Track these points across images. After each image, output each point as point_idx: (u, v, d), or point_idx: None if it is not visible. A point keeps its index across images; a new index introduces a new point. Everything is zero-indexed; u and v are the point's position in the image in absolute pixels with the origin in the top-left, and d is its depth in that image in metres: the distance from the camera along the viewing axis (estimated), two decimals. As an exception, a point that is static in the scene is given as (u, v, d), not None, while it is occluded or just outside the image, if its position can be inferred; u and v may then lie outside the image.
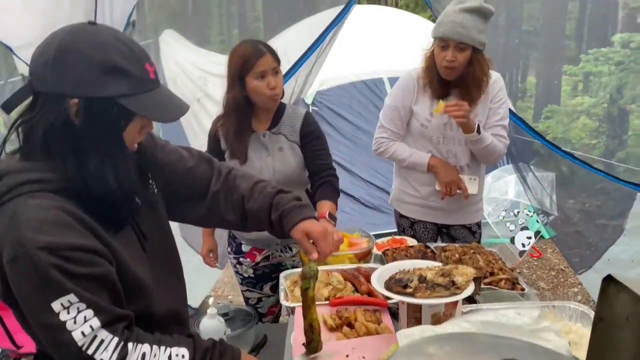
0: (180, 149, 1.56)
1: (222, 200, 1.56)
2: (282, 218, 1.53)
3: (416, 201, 2.66)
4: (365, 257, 2.29)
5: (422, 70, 2.52)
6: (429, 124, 2.51)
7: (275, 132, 2.41)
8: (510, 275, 2.11)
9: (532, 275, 4.43)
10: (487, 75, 2.47)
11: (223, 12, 11.69)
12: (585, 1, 9.17)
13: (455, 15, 2.34)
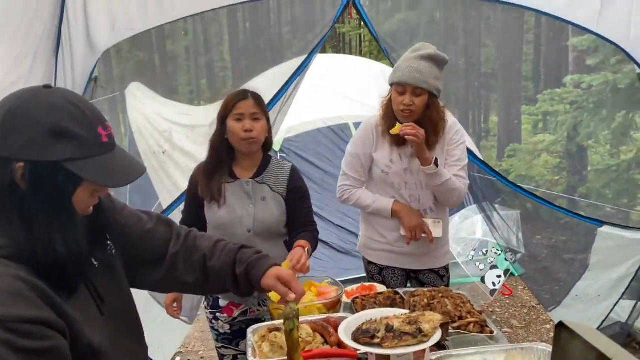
0: (139, 212, 1.54)
1: (181, 261, 1.54)
2: (249, 270, 1.53)
3: (383, 247, 2.66)
4: (335, 306, 2.26)
5: (380, 117, 2.56)
6: (390, 170, 2.55)
7: (260, 181, 2.40)
8: (478, 318, 2.11)
9: (505, 314, 4.45)
10: (444, 119, 2.53)
11: (191, 63, 11.82)
12: (539, 44, 9.65)
13: (412, 62, 2.41)
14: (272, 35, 12.62)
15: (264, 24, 12.16)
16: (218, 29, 12.40)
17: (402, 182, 2.56)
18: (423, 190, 2.57)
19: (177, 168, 4.64)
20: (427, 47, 2.46)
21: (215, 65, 12.49)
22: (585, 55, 5.55)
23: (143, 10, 2.53)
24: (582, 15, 2.73)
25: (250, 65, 11.78)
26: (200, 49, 12.03)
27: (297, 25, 11.08)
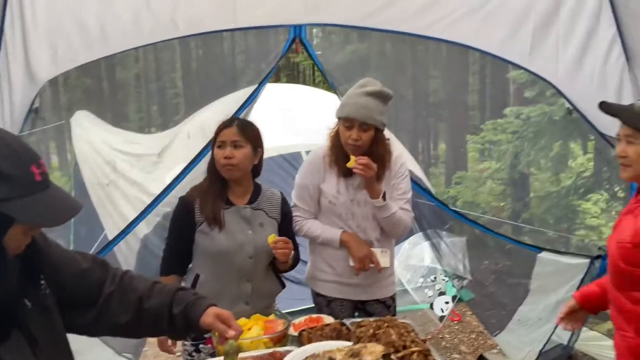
0: (73, 252, 1.52)
1: (115, 301, 1.51)
2: (188, 309, 1.53)
3: (332, 278, 2.67)
4: (281, 340, 2.24)
5: (328, 148, 2.60)
6: (337, 201, 2.58)
7: (255, 207, 2.43)
8: (422, 347, 2.14)
9: (454, 339, 4.52)
10: (390, 153, 2.61)
11: (141, 90, 11.66)
12: (484, 75, 10.10)
13: (358, 98, 2.48)
14: (226, 64, 12.68)
15: (217, 52, 12.20)
16: (170, 57, 12.37)
17: (349, 213, 2.59)
18: (369, 222, 2.61)
19: (123, 198, 4.54)
20: (372, 82, 2.54)
21: (167, 92, 12.40)
22: (523, 87, 5.86)
23: (86, 42, 2.50)
24: (516, 53, 2.89)
25: (203, 92, 11.75)
26: (151, 76, 11.95)
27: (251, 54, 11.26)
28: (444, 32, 2.91)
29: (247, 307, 2.43)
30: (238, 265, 2.39)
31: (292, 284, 4.96)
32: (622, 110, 1.90)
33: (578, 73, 2.81)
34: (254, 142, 2.40)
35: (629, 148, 1.85)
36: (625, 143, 1.86)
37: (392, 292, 2.77)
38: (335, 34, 12.46)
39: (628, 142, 1.85)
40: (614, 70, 2.70)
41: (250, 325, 2.36)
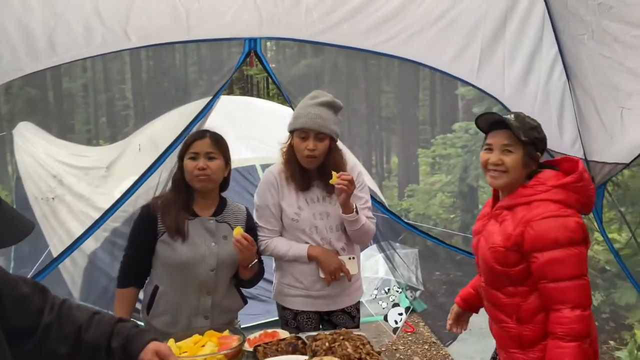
0: (14, 276, 1.47)
1: (54, 331, 1.47)
2: (127, 344, 1.51)
3: (300, 292, 2.64)
4: (236, 355, 2.21)
5: (283, 164, 2.59)
6: (299, 217, 2.56)
7: (220, 220, 2.39)
8: (377, 359, 2.16)
9: (407, 351, 4.57)
10: (345, 162, 2.63)
11: (89, 100, 11.27)
12: (434, 90, 10.39)
13: (312, 108, 2.50)
14: (178, 75, 12.47)
15: (168, 63, 11.99)
16: (120, 67, 12.05)
17: (313, 227, 2.58)
18: (333, 233, 2.62)
19: (70, 213, 4.38)
20: (323, 94, 2.57)
21: (116, 103, 12.06)
22: (471, 103, 6.06)
23: (33, 52, 2.41)
24: (465, 70, 3.00)
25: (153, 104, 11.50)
26: (99, 87, 11.59)
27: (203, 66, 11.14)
28: (398, 49, 2.98)
29: (206, 322, 2.40)
30: (199, 277, 2.35)
31: (249, 299, 4.91)
32: (504, 122, 2.02)
33: (523, 90, 2.94)
34: (225, 155, 2.40)
35: (506, 157, 2.00)
36: (500, 152, 2.01)
37: (359, 297, 2.78)
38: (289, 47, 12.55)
39: (506, 151, 2.00)
40: (557, 88, 2.84)
41: (205, 341, 2.31)
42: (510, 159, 2.00)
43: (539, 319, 2.01)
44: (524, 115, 2.07)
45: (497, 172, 2.04)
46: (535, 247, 1.94)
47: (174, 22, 2.61)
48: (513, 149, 2.00)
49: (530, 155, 2.02)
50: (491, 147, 2.06)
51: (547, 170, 2.08)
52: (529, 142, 2.00)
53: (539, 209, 1.96)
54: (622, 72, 2.35)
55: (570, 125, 2.91)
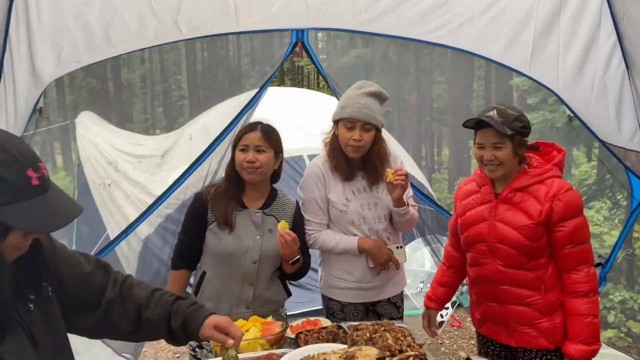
0: (77, 254, 1.52)
1: (116, 308, 1.52)
2: (186, 324, 1.55)
3: (350, 285, 2.65)
4: (278, 342, 2.25)
5: (327, 154, 2.59)
6: (347, 208, 2.57)
7: (267, 213, 2.42)
8: (418, 352, 2.14)
9: (453, 345, 4.51)
10: (389, 152, 2.62)
11: (147, 91, 11.69)
12: (489, 81, 10.09)
13: (359, 98, 2.48)
14: (231, 66, 12.71)
15: (222, 55, 12.24)
16: (176, 58, 12.41)
17: (361, 218, 2.58)
18: (381, 223, 2.62)
19: (126, 199, 4.57)
20: (369, 84, 2.55)
21: (172, 94, 12.43)
22: (526, 94, 5.85)
23: (90, 44, 2.53)
24: (517, 59, 2.90)
25: (207, 94, 11.78)
26: (156, 78, 11.99)
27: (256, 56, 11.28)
28: (446, 38, 2.92)
29: (247, 312, 2.43)
30: (242, 268, 2.39)
31: (292, 287, 4.97)
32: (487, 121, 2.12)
33: (578, 81, 2.81)
34: (276, 147, 2.40)
35: (497, 152, 2.14)
36: (492, 149, 2.15)
37: (404, 287, 2.78)
38: (340, 38, 12.48)
39: (496, 147, 2.14)
40: (614, 78, 2.70)
41: (248, 326, 2.37)
42: (502, 153, 2.15)
43: (559, 285, 2.22)
44: (505, 106, 2.18)
45: (492, 165, 2.18)
46: (563, 217, 2.13)
47: (223, 13, 2.66)
48: (502, 145, 2.14)
49: (519, 144, 2.17)
50: (483, 145, 2.19)
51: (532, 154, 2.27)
52: (515, 134, 2.12)
53: (556, 184, 2.16)
54: (686, 61, 2.21)
55: (630, 116, 2.77)
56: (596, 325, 2.17)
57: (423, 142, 9.87)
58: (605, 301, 4.95)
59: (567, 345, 2.19)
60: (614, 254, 3.47)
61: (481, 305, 2.43)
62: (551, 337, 2.24)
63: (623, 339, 4.63)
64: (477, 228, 2.31)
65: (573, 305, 2.17)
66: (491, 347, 2.48)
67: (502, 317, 2.34)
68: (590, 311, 2.15)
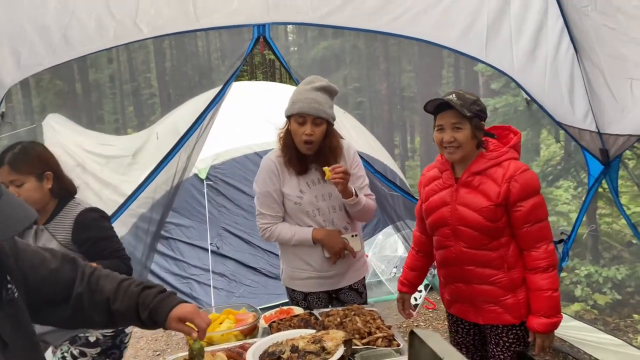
0: (42, 251, 1.53)
1: (86, 302, 1.54)
2: (153, 315, 1.56)
3: (310, 274, 2.72)
4: (252, 332, 2.31)
5: (281, 149, 2.64)
6: (302, 200, 2.62)
7: (44, 229, 2.37)
8: (387, 333, 2.23)
9: (428, 327, 4.62)
10: (341, 144, 2.67)
11: (116, 90, 11.52)
12: (457, 68, 10.21)
13: (308, 93, 2.52)
14: (201, 62, 12.57)
15: (191, 51, 12.12)
16: (144, 56, 12.24)
17: (315, 209, 2.64)
18: (336, 213, 2.68)
19: (99, 201, 4.55)
20: (319, 79, 2.60)
21: (143, 92, 12.25)
22: (490, 80, 5.96)
23: (49, 47, 2.53)
24: (473, 47, 2.99)
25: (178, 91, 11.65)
26: (125, 77, 11.80)
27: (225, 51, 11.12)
28: (404, 28, 2.99)
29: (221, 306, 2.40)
30: None
31: (268, 279, 5.05)
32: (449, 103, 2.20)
33: (532, 65, 2.91)
34: (34, 170, 2.31)
35: (457, 134, 2.21)
36: (452, 130, 2.22)
37: (365, 273, 2.85)
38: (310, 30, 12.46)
39: (456, 128, 2.21)
40: (565, 62, 2.81)
41: (222, 319, 2.43)
42: (461, 134, 2.22)
43: (520, 262, 2.31)
44: (464, 91, 2.27)
45: (452, 148, 2.24)
46: (521, 197, 2.20)
47: (182, 12, 2.68)
48: (461, 125, 2.21)
49: (477, 127, 2.24)
50: (443, 127, 2.25)
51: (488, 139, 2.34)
52: (474, 116, 2.20)
53: (512, 166, 2.23)
54: (628, 43, 2.32)
55: (582, 98, 2.88)
56: (556, 298, 2.26)
57: (396, 131, 9.94)
58: (572, 276, 5.12)
59: (530, 319, 2.29)
60: (575, 229, 3.60)
61: (449, 286, 2.51)
62: (516, 312, 2.32)
63: (590, 312, 4.80)
64: (440, 212, 2.39)
65: (534, 280, 2.26)
66: (461, 325, 2.57)
67: (469, 297, 2.42)
68: (550, 285, 2.24)
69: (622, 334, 4.36)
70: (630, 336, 4.36)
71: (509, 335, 2.37)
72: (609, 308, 4.79)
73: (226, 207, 5.43)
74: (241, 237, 5.23)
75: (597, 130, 2.93)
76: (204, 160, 5.26)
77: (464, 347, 2.61)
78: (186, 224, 5.24)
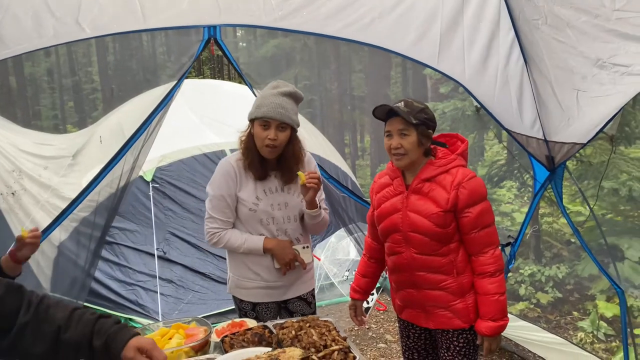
0: None
1: (30, 331, 1.45)
2: (110, 341, 1.49)
3: (258, 284, 2.66)
4: (203, 347, 2.23)
5: (242, 152, 2.57)
6: (257, 207, 2.56)
7: None
8: (343, 345, 2.20)
9: (380, 329, 4.67)
10: (304, 153, 2.64)
11: (55, 85, 10.98)
12: (405, 69, 10.38)
13: (274, 98, 2.47)
14: (146, 57, 12.19)
15: (135, 45, 11.70)
16: (85, 50, 11.73)
17: (270, 218, 2.59)
18: (290, 223, 2.63)
19: (36, 204, 4.31)
20: (285, 84, 2.56)
21: (83, 87, 11.77)
22: (439, 83, 6.09)
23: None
24: (425, 55, 3.01)
25: (122, 87, 11.22)
26: (65, 70, 11.29)
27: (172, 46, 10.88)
28: (358, 34, 2.97)
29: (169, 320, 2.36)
30: None
31: (218, 284, 4.93)
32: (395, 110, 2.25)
33: (483, 74, 2.97)
34: None
35: (403, 140, 2.25)
36: (399, 136, 2.25)
37: (313, 286, 2.82)
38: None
39: (403, 134, 2.25)
40: (515, 71, 2.88)
41: (172, 334, 2.33)
42: (407, 141, 2.25)
43: (469, 267, 2.35)
44: (412, 100, 2.31)
45: (398, 154, 2.28)
46: (468, 203, 2.26)
47: (128, 11, 2.54)
48: (408, 132, 2.25)
49: (423, 134, 2.28)
50: (391, 133, 2.29)
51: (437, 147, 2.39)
52: (420, 123, 2.25)
53: (460, 173, 2.28)
54: (576, 56, 2.40)
55: (530, 107, 2.96)
56: (502, 302, 2.32)
57: (346, 130, 10.03)
58: (516, 275, 5.31)
59: (478, 323, 2.34)
60: (521, 233, 3.72)
61: (400, 291, 2.53)
62: (465, 317, 2.37)
63: (533, 310, 5.00)
64: (391, 219, 2.40)
65: (482, 285, 2.32)
66: (412, 330, 2.60)
67: (419, 302, 2.44)
68: (497, 290, 2.30)
69: (562, 331, 4.56)
70: (570, 333, 4.57)
71: (459, 340, 2.42)
72: (550, 306, 5.00)
73: (173, 210, 5.26)
74: (189, 242, 5.08)
75: (544, 138, 3.01)
76: (149, 162, 5.06)
77: (416, 351, 2.64)
78: (131, 228, 5.03)
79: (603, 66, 2.29)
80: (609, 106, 2.43)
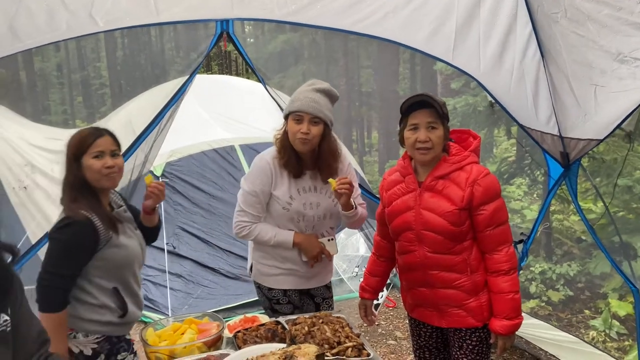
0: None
1: None
2: None
3: (283, 272, 2.68)
4: (216, 343, 2.22)
5: (278, 150, 2.58)
6: (290, 207, 2.58)
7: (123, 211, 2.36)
8: (356, 342, 2.19)
9: (389, 326, 4.65)
10: (340, 151, 2.64)
11: (64, 80, 11.03)
12: (414, 65, 10.33)
13: (308, 93, 2.50)
14: (154, 53, 12.21)
15: (144, 40, 11.72)
16: (94, 45, 11.76)
17: (301, 216, 2.60)
18: (321, 221, 2.65)
19: (47, 199, 4.31)
20: (321, 82, 2.58)
21: (92, 82, 11.80)
22: (449, 79, 6.04)
23: (-7, 39, 2.33)
24: (440, 49, 2.98)
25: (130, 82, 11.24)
26: (74, 66, 11.31)
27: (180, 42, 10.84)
28: (372, 28, 2.94)
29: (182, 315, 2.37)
30: None
31: (228, 279, 4.93)
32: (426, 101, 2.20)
33: (498, 68, 2.93)
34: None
35: (431, 134, 2.19)
36: (426, 130, 2.19)
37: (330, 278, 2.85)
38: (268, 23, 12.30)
39: (431, 128, 2.19)
40: (531, 66, 2.84)
41: (184, 329, 2.32)
42: (435, 135, 2.20)
43: (482, 265, 2.31)
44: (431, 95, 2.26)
45: (425, 149, 2.21)
46: (483, 200, 2.21)
47: (142, 4, 2.53)
48: (436, 125, 2.20)
49: (447, 129, 2.26)
50: (417, 126, 2.21)
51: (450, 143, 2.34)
52: (446, 117, 2.23)
53: (475, 170, 2.24)
54: (596, 50, 2.35)
55: (546, 102, 2.92)
56: (517, 300, 2.28)
57: (354, 126, 10.00)
58: (527, 273, 5.27)
59: (492, 321, 2.31)
60: (534, 230, 3.68)
61: (412, 290, 2.49)
62: (478, 315, 2.33)
63: (544, 308, 4.96)
64: (403, 217, 2.36)
65: (496, 283, 2.28)
66: (423, 329, 2.57)
67: (432, 301, 2.41)
68: (512, 288, 2.26)
69: (574, 329, 4.52)
70: (582, 332, 4.53)
71: (472, 338, 2.38)
72: (561, 304, 4.96)
73: (183, 205, 5.27)
74: (199, 237, 5.09)
75: (559, 134, 2.97)
76: (159, 157, 5.04)
77: (427, 350, 2.61)
78: (141, 223, 5.04)
79: (624, 60, 2.24)
80: (628, 101, 2.38)
